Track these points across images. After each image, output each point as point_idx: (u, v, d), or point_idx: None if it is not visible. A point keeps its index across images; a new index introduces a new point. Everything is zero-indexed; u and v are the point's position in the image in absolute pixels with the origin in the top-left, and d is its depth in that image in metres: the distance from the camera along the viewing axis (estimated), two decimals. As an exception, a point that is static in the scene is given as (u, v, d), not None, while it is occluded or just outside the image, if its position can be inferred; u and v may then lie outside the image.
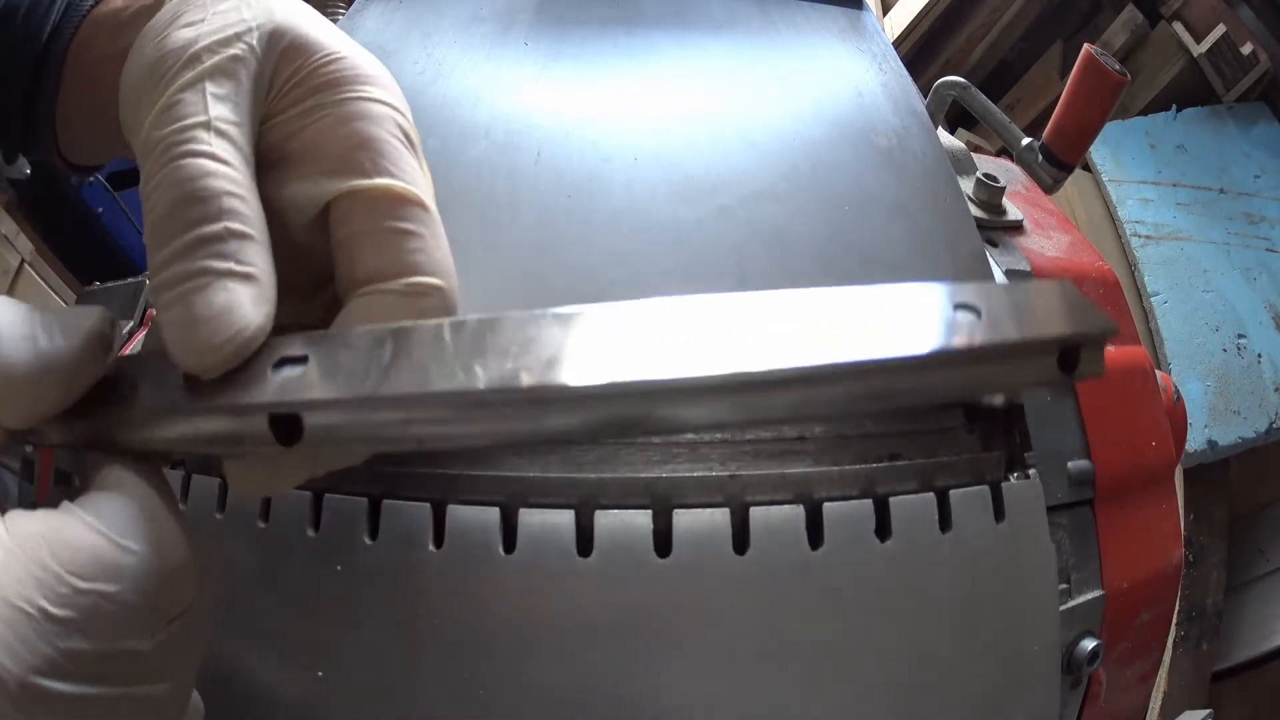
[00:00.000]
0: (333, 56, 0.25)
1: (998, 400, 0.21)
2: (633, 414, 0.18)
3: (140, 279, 0.48)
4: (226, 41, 0.24)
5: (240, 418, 0.20)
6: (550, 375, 0.18)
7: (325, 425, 0.19)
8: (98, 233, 1.65)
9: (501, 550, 0.30)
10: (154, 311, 0.22)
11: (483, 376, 0.18)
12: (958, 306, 0.18)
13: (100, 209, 1.63)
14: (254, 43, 0.24)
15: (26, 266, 1.53)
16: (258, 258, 0.22)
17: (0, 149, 0.39)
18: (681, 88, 0.43)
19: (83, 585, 0.20)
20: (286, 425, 0.20)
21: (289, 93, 0.25)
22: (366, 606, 0.30)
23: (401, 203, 0.24)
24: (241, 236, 0.22)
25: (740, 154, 0.39)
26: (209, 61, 0.24)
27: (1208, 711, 0.49)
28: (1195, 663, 1.23)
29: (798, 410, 0.18)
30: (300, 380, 0.20)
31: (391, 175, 0.24)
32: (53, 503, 0.21)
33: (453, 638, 0.29)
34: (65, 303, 1.54)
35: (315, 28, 0.26)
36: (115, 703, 0.20)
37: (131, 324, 0.50)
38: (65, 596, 0.19)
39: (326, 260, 0.25)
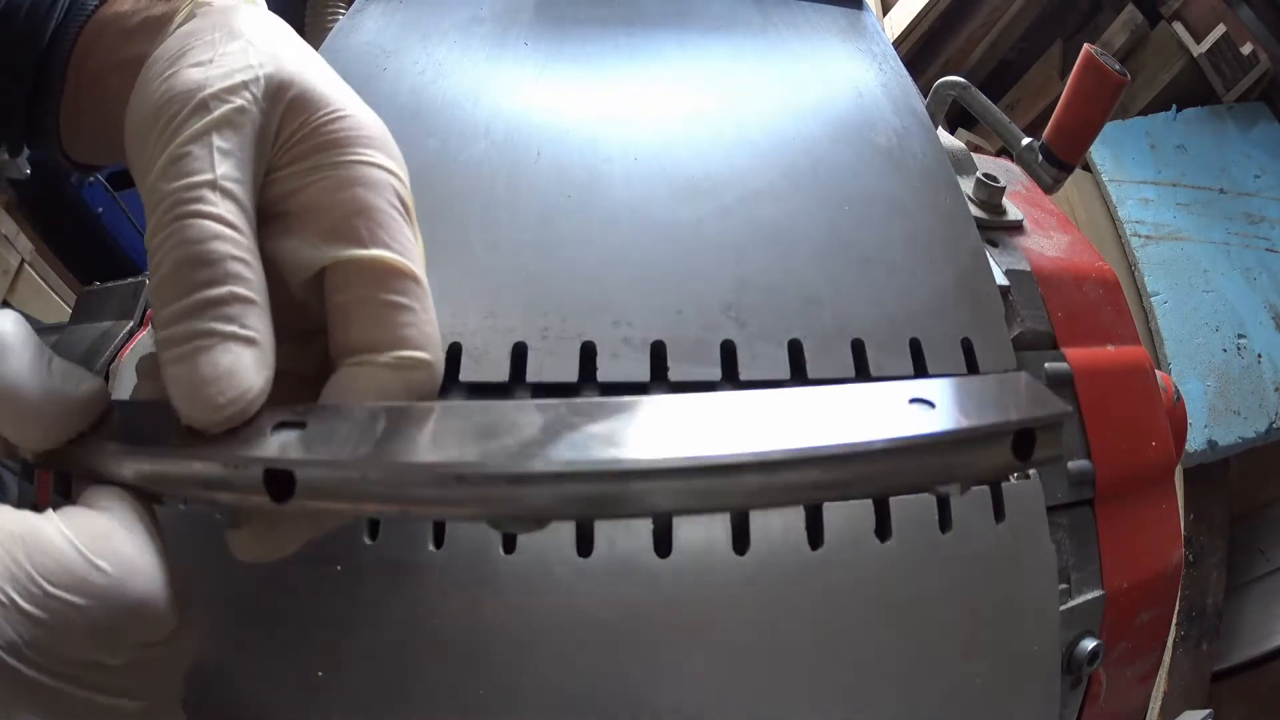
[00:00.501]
0: (337, 114, 0.26)
1: (955, 490, 0.21)
2: (605, 493, 0.19)
3: (140, 279, 0.48)
4: (233, 90, 0.24)
5: (237, 469, 0.21)
6: (528, 456, 0.19)
7: (317, 484, 0.20)
8: (98, 233, 1.65)
9: (501, 550, 0.30)
10: (160, 363, 0.23)
11: (467, 454, 0.20)
12: (913, 400, 0.19)
13: (100, 209, 1.62)
14: (258, 93, 0.25)
15: (26, 266, 1.53)
16: (259, 322, 0.23)
17: (4, 145, 0.39)
18: (681, 88, 0.43)
19: (51, 590, 0.20)
20: (280, 481, 0.21)
21: (291, 148, 0.25)
22: (366, 606, 0.30)
23: (395, 275, 0.25)
24: (245, 301, 0.23)
25: (740, 154, 0.39)
26: (216, 112, 0.24)
27: (1208, 711, 0.49)
28: (1195, 663, 1.23)
29: (754, 496, 0.18)
30: (297, 442, 0.22)
31: (387, 246, 0.25)
32: (42, 508, 0.22)
33: (452, 638, 0.29)
34: (65, 303, 1.54)
35: (321, 80, 0.26)
36: (81, 704, 0.21)
37: (131, 324, 0.49)
38: (34, 596, 0.20)
39: (320, 314, 0.26)
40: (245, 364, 0.22)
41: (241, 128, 0.24)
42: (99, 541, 0.21)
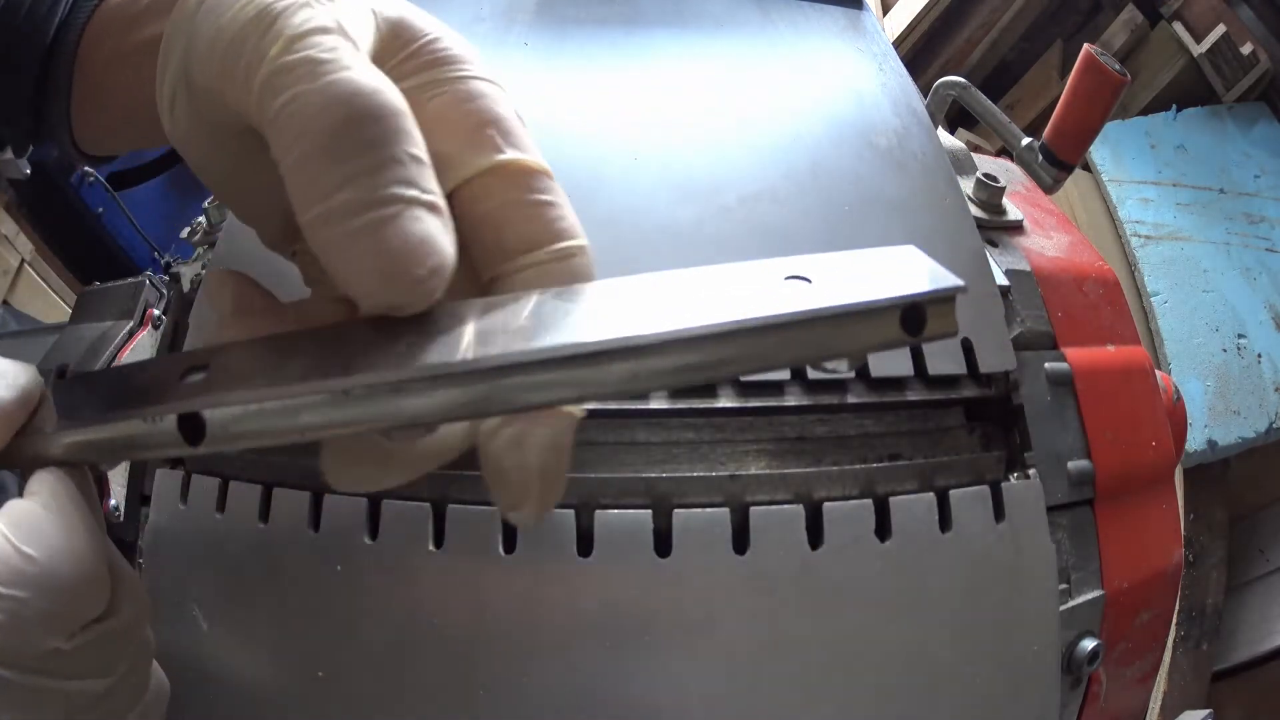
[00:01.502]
0: (434, 37, 0.25)
1: (842, 367, 0.20)
2: (477, 394, 0.19)
3: (140, 279, 0.48)
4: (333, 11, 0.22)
5: (153, 422, 0.21)
6: (407, 363, 0.19)
7: (223, 422, 0.20)
8: (98, 233, 1.65)
9: (501, 550, 0.30)
10: (313, 247, 0.20)
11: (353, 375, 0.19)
12: (789, 278, 0.19)
13: (100, 209, 1.62)
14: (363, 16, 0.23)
15: (26, 266, 1.53)
16: (436, 185, 0.21)
17: (10, 141, 0.39)
18: (681, 87, 0.43)
19: (1, 590, 0.20)
20: (193, 425, 0.21)
21: (399, 68, 0.24)
22: (366, 606, 0.30)
23: (537, 174, 0.24)
24: (420, 162, 0.21)
25: (740, 154, 0.39)
26: (329, 4, 0.21)
27: (1208, 711, 0.49)
28: (1195, 663, 1.23)
29: (629, 383, 0.18)
30: (202, 384, 0.21)
31: (524, 150, 0.24)
32: None
33: (453, 638, 0.29)
34: (65, 303, 1.54)
35: (410, 8, 0.25)
36: (51, 693, 0.21)
37: (131, 324, 0.49)
38: None
39: None
40: (437, 231, 0.20)
41: (351, 35, 0.22)
42: (28, 531, 0.22)
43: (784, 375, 0.33)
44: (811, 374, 0.33)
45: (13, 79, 0.35)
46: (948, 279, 0.19)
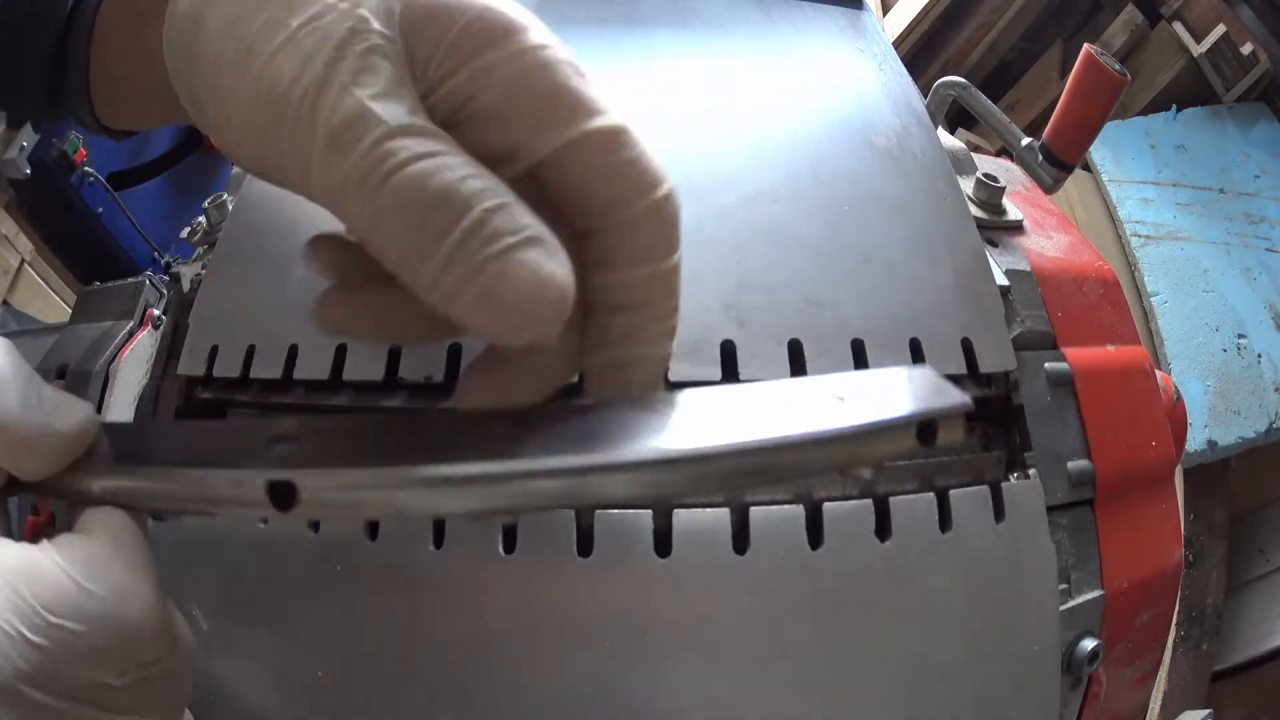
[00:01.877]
0: (473, 16, 0.24)
1: (866, 473, 0.27)
2: (568, 487, 0.21)
3: (140, 279, 0.48)
4: (352, 38, 0.22)
5: (240, 485, 0.22)
6: (507, 459, 0.21)
7: (317, 492, 0.21)
8: (98, 233, 1.65)
9: (501, 550, 0.30)
10: (448, 307, 0.21)
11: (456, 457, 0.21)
12: (826, 397, 0.23)
13: (100, 209, 1.63)
14: (380, 27, 0.22)
15: (26, 266, 1.53)
16: (527, 216, 0.21)
17: (30, 117, 0.39)
18: (681, 87, 0.43)
19: (52, 620, 0.20)
20: (282, 492, 0.22)
21: (443, 63, 0.23)
22: (366, 606, 0.30)
23: (616, 135, 0.24)
24: (502, 207, 0.21)
25: (740, 154, 0.39)
26: (348, 61, 0.21)
27: (1208, 711, 0.49)
28: (1195, 663, 1.23)
29: (697, 484, 0.21)
30: (297, 454, 0.23)
31: (598, 113, 0.24)
32: (38, 538, 0.22)
33: (452, 638, 0.29)
34: (65, 303, 1.54)
35: None
36: None
37: (131, 324, 0.49)
38: (39, 626, 0.20)
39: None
40: (544, 261, 0.21)
41: (379, 69, 0.22)
42: (91, 566, 0.22)
43: (784, 374, 0.33)
44: (812, 374, 0.33)
45: (29, 53, 0.34)
46: (957, 397, 0.22)
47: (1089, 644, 0.35)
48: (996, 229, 0.45)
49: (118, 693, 0.22)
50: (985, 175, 0.45)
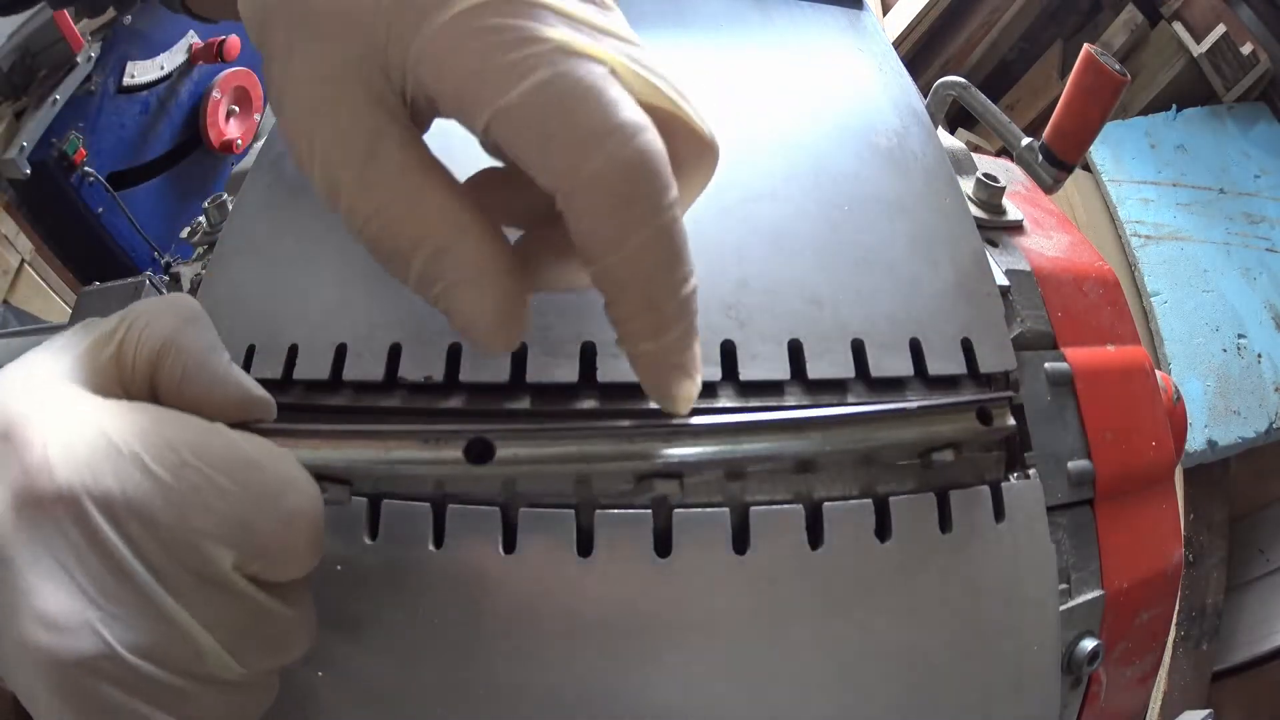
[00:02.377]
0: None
1: (948, 455, 0.31)
2: (724, 452, 0.29)
3: (140, 279, 0.48)
4: None
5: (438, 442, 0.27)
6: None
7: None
8: (98, 233, 1.65)
9: (501, 550, 0.30)
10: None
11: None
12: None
13: (100, 209, 1.62)
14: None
15: (26, 266, 1.53)
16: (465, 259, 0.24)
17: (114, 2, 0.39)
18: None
19: (189, 458, 0.22)
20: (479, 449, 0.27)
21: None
22: (366, 606, 0.30)
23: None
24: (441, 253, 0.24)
25: (740, 154, 0.39)
26: None
27: (1208, 711, 0.49)
28: (1195, 663, 1.23)
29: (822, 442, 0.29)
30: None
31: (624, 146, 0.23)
32: None
33: (452, 638, 0.29)
34: (65, 303, 1.54)
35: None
36: (193, 633, 0.23)
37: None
38: (166, 459, 0.22)
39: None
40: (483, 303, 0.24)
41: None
42: (269, 450, 0.24)
43: (784, 375, 0.32)
44: (812, 374, 0.33)
45: None
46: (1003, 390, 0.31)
47: (1089, 644, 0.35)
48: (996, 229, 0.45)
49: (255, 602, 0.23)
50: (985, 175, 0.45)
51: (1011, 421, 0.27)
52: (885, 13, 1.85)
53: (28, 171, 1.45)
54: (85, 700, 0.21)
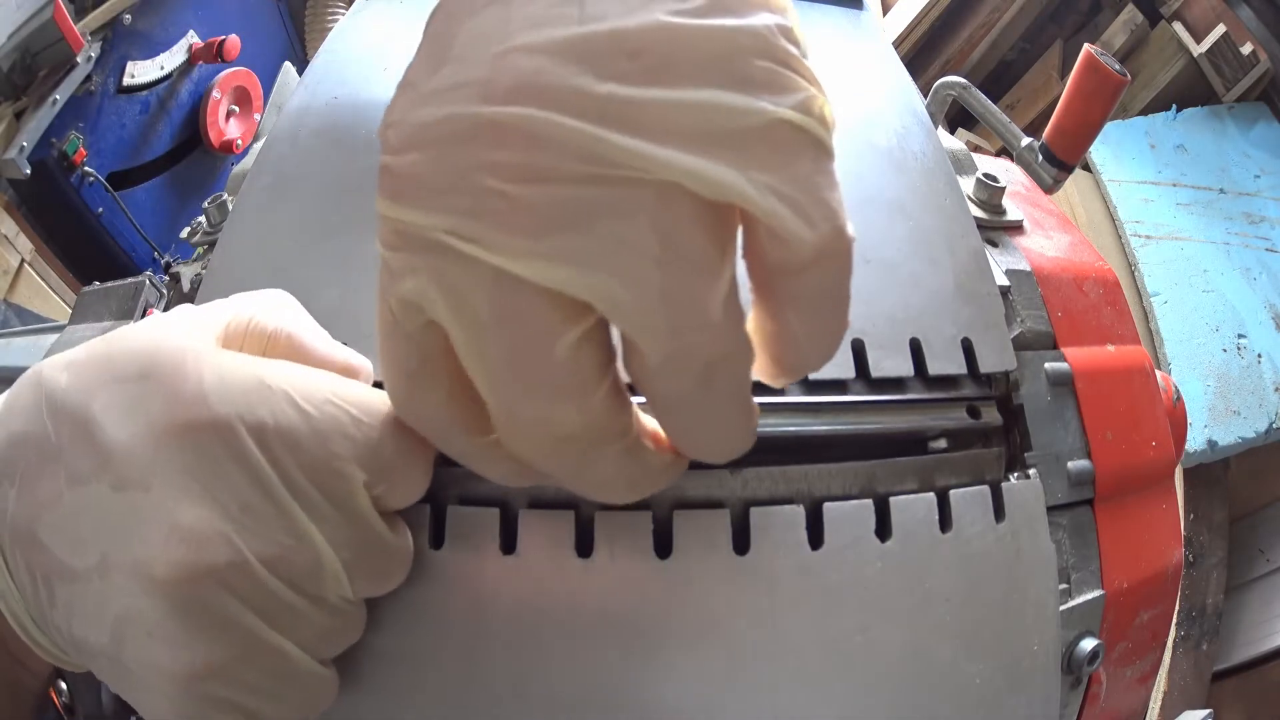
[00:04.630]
0: None
1: (941, 443, 0.33)
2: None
3: (140, 279, 0.48)
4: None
5: None
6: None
7: None
8: (98, 233, 1.65)
9: (500, 551, 0.30)
10: None
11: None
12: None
13: (100, 209, 1.62)
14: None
15: (26, 266, 1.53)
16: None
17: None
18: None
19: (332, 398, 0.25)
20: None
21: None
22: (365, 607, 0.30)
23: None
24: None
25: (740, 154, 0.39)
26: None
27: (1208, 711, 0.49)
28: (1195, 663, 1.23)
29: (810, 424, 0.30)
30: None
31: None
32: None
33: (452, 638, 0.29)
34: (65, 303, 1.54)
35: None
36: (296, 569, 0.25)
37: (131, 324, 0.49)
38: (311, 396, 0.25)
39: None
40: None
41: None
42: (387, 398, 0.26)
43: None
44: (813, 374, 0.33)
45: None
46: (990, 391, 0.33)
47: (1089, 644, 0.35)
48: (996, 229, 0.45)
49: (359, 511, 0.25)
50: (985, 175, 0.45)
51: (999, 418, 0.27)
52: (885, 13, 1.85)
53: (28, 171, 1.45)
54: (204, 614, 0.23)
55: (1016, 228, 0.45)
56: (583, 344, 0.21)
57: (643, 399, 0.23)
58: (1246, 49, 1.53)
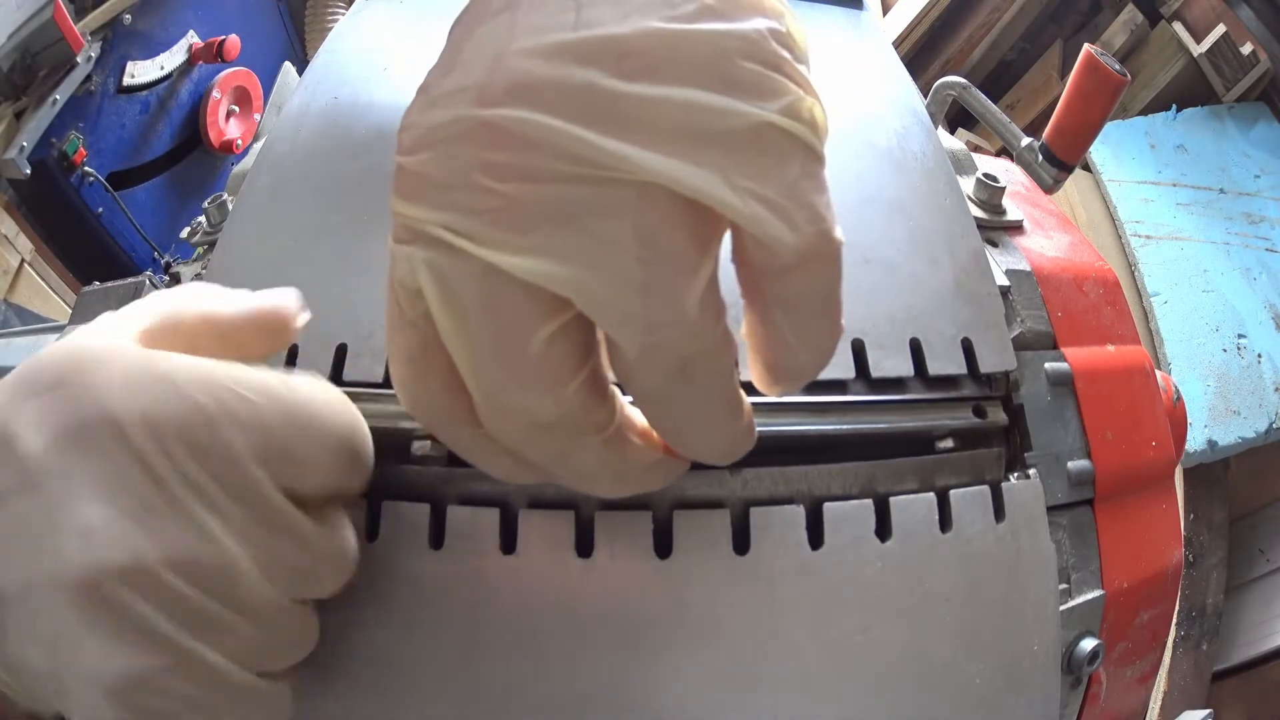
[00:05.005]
0: None
1: (948, 443, 0.33)
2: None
3: (140, 279, 0.48)
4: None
5: None
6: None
7: None
8: (98, 233, 1.65)
9: (501, 550, 0.30)
10: None
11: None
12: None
13: (100, 209, 1.62)
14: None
15: (26, 266, 1.53)
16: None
17: None
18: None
19: (223, 380, 0.24)
20: None
21: None
22: (365, 607, 0.30)
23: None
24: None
25: (740, 154, 0.39)
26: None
27: (1208, 711, 0.49)
28: (1195, 663, 1.23)
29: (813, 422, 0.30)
30: None
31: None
32: None
33: (452, 639, 0.29)
34: (65, 303, 1.54)
35: None
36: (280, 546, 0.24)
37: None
38: (206, 384, 0.24)
39: None
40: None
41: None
42: (304, 378, 0.26)
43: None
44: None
45: None
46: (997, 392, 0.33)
47: (1089, 644, 0.35)
48: (996, 229, 0.45)
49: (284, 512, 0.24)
50: (985, 175, 0.45)
51: (1004, 418, 0.27)
52: (885, 13, 1.85)
53: (28, 171, 1.45)
54: (115, 620, 0.22)
55: (1016, 228, 0.45)
56: (557, 338, 0.22)
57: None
58: (1246, 49, 1.53)
